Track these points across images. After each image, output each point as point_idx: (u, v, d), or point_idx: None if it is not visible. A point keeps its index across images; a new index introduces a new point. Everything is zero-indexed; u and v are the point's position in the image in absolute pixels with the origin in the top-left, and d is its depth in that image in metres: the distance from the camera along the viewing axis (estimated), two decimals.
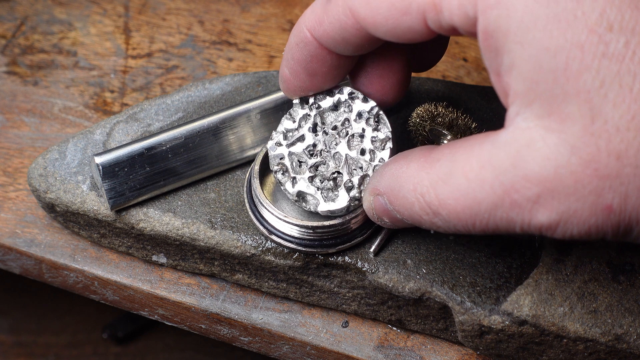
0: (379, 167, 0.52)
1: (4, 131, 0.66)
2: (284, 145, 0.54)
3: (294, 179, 0.53)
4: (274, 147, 0.54)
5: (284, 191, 0.53)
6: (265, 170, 0.57)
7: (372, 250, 0.56)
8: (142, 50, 0.71)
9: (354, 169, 0.53)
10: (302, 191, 0.53)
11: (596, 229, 0.41)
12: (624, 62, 0.39)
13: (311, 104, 0.54)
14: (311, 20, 0.49)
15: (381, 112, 0.54)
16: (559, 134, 0.40)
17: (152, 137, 0.57)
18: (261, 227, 0.55)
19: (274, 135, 0.54)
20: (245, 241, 0.56)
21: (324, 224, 0.54)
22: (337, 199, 0.53)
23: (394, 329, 0.59)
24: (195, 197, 0.58)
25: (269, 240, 0.56)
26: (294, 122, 0.54)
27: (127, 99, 0.68)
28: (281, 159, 0.54)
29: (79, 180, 0.58)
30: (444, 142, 0.56)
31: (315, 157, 0.54)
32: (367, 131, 0.53)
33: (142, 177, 0.57)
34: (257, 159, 0.56)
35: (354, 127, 0.53)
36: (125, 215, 0.58)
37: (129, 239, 0.59)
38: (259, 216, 0.55)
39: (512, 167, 0.41)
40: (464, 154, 0.44)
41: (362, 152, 0.53)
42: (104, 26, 0.72)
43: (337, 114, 0.54)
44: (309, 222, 0.54)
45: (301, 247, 0.55)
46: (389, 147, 0.53)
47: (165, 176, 0.57)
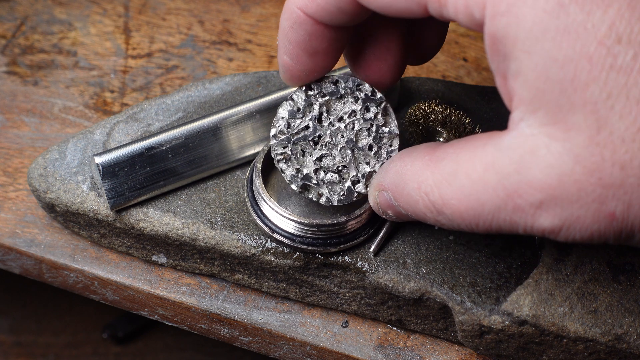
0: (384, 163, 0.52)
1: (4, 131, 0.66)
2: (287, 134, 0.53)
3: (297, 170, 0.53)
4: (277, 135, 0.53)
5: (287, 181, 0.53)
6: (267, 168, 0.57)
7: (371, 250, 0.56)
8: (142, 50, 0.71)
9: (360, 164, 0.53)
10: (307, 183, 0.53)
11: (598, 234, 0.42)
12: (632, 75, 0.39)
13: (316, 92, 0.53)
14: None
15: (389, 106, 0.53)
16: (563, 143, 0.41)
17: (152, 137, 0.57)
18: (263, 225, 0.55)
19: (276, 122, 0.53)
20: (245, 241, 0.56)
21: (327, 222, 0.54)
22: (342, 193, 0.53)
23: (394, 329, 0.59)
24: (195, 197, 0.58)
25: (270, 238, 0.56)
26: (298, 109, 0.53)
27: (127, 99, 0.68)
28: (284, 148, 0.53)
29: (79, 180, 0.58)
30: (439, 140, 0.56)
31: (320, 148, 0.53)
32: (375, 125, 0.53)
33: (142, 177, 0.57)
34: (259, 157, 0.56)
35: (361, 120, 0.53)
36: (125, 215, 0.58)
37: (129, 239, 0.59)
38: (261, 214, 0.55)
39: (515, 172, 0.42)
40: (467, 155, 0.44)
41: (370, 147, 0.53)
42: (104, 26, 0.72)
43: (343, 104, 0.53)
44: (313, 220, 0.54)
45: (303, 246, 0.55)
46: (396, 143, 0.53)
47: (165, 176, 0.57)
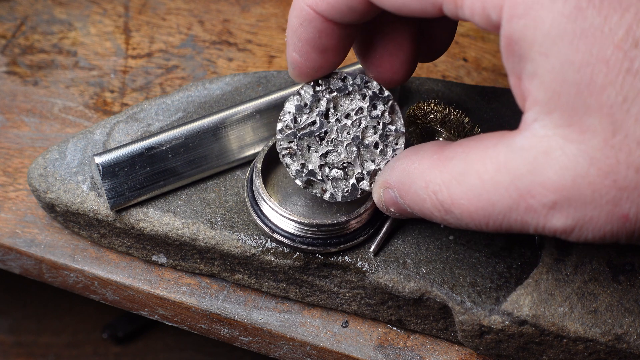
0: (390, 160, 0.52)
1: (4, 131, 0.66)
2: (293, 128, 0.53)
3: (303, 165, 0.53)
4: (283, 130, 0.53)
5: (291, 176, 0.53)
6: (267, 168, 0.57)
7: (371, 250, 0.56)
8: (142, 50, 0.71)
9: (365, 161, 0.53)
10: (311, 178, 0.53)
11: (611, 235, 0.42)
12: None
13: (324, 88, 0.53)
14: None
15: (396, 104, 0.53)
16: (578, 145, 0.41)
17: (152, 137, 0.57)
18: (263, 225, 0.55)
19: (283, 117, 0.53)
20: (245, 241, 0.56)
21: (328, 222, 0.54)
22: (346, 189, 0.53)
23: (394, 329, 0.59)
24: (195, 197, 0.58)
25: (270, 238, 0.56)
26: (305, 105, 0.53)
27: (127, 99, 0.68)
28: (290, 142, 0.53)
29: (79, 180, 0.58)
30: (439, 139, 0.56)
31: (326, 144, 0.53)
32: (381, 123, 0.53)
33: (142, 177, 0.57)
34: (259, 157, 0.56)
35: (367, 117, 0.53)
36: (125, 215, 0.58)
37: (129, 239, 0.59)
38: (261, 214, 0.55)
39: (528, 173, 0.42)
40: (478, 155, 0.44)
41: (376, 145, 0.53)
42: (104, 26, 0.72)
43: (350, 101, 0.53)
44: (313, 220, 0.54)
45: (303, 246, 0.55)
46: (402, 142, 0.53)
47: (165, 176, 0.57)
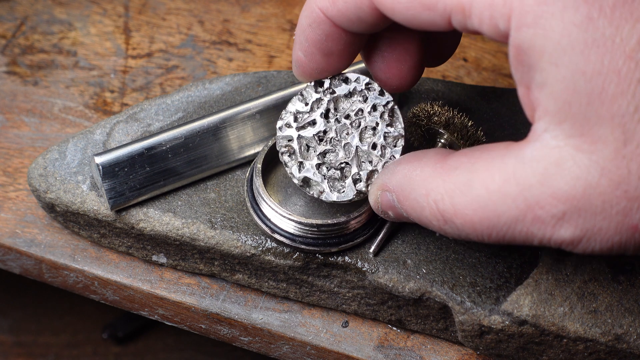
0: (388, 163, 0.52)
1: (4, 131, 0.66)
2: (293, 127, 0.53)
3: (300, 163, 0.53)
4: (283, 128, 0.53)
5: (289, 174, 0.53)
6: (267, 168, 0.57)
7: (371, 250, 0.56)
8: (142, 50, 0.71)
9: (362, 162, 0.53)
10: (308, 177, 0.53)
11: (619, 246, 0.42)
12: None
13: (325, 88, 0.53)
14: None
15: (396, 107, 0.53)
16: (589, 155, 0.41)
17: (152, 137, 0.57)
18: (263, 225, 0.55)
19: (284, 115, 0.53)
20: (245, 241, 0.56)
21: (328, 222, 0.54)
22: (343, 190, 0.53)
23: (394, 329, 0.59)
24: (195, 197, 0.58)
25: (270, 238, 0.56)
26: (306, 104, 0.53)
27: (127, 99, 0.68)
28: (289, 141, 0.53)
29: (79, 180, 0.58)
30: (441, 141, 0.56)
31: (324, 144, 0.53)
32: (381, 125, 0.53)
33: (142, 177, 0.57)
34: (259, 157, 0.56)
35: (367, 119, 0.53)
36: (125, 215, 0.58)
37: (129, 239, 0.59)
38: (261, 214, 0.55)
39: (538, 183, 0.42)
40: (484, 166, 0.44)
41: (374, 146, 0.53)
42: (104, 26, 0.72)
43: (351, 102, 0.53)
44: (313, 220, 0.54)
45: (303, 246, 0.55)
46: (401, 144, 0.53)
47: (165, 176, 0.57)
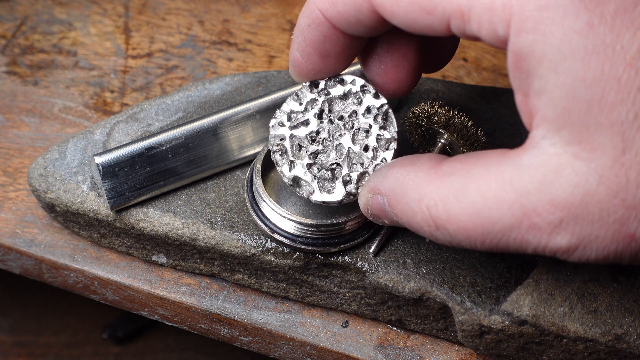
0: (380, 166, 0.52)
1: (4, 131, 0.66)
2: (286, 126, 0.53)
3: (291, 163, 0.52)
4: (276, 127, 0.53)
5: (280, 173, 0.53)
6: (267, 168, 0.57)
7: (371, 250, 0.56)
8: (142, 50, 0.71)
9: (354, 164, 0.53)
10: (298, 176, 0.52)
11: (615, 255, 0.42)
12: None
13: (321, 89, 0.53)
14: (323, 1, 0.48)
15: (390, 111, 0.53)
16: (588, 163, 0.41)
17: (152, 137, 0.57)
18: (263, 225, 0.55)
19: (278, 114, 0.53)
20: (245, 241, 0.56)
21: (327, 222, 0.54)
22: (332, 191, 0.52)
23: (394, 329, 0.59)
24: (195, 197, 0.58)
25: (270, 238, 0.56)
26: (301, 104, 0.53)
27: (127, 99, 0.68)
28: (282, 140, 0.53)
29: (79, 180, 0.58)
30: (441, 141, 0.56)
31: (316, 144, 0.53)
32: (374, 128, 0.53)
33: (142, 177, 0.57)
34: (259, 157, 0.56)
35: (361, 121, 0.53)
36: (125, 215, 0.58)
37: (129, 239, 0.59)
38: (261, 214, 0.55)
39: (536, 190, 0.41)
40: (479, 172, 0.44)
41: (366, 148, 0.53)
42: (104, 26, 0.72)
43: (346, 104, 0.53)
44: (312, 220, 0.54)
45: (303, 246, 0.55)
46: (393, 147, 0.53)
47: (165, 176, 0.57)
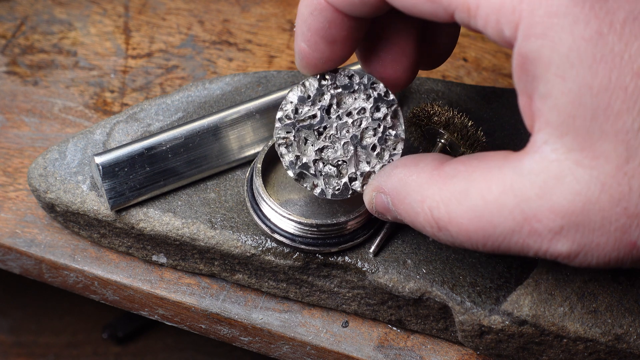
0: (386, 165, 0.52)
1: (4, 131, 0.66)
2: (293, 119, 0.52)
3: (297, 157, 0.52)
4: (282, 119, 0.52)
5: (284, 167, 0.52)
6: (267, 168, 0.57)
7: (371, 250, 0.56)
8: (142, 50, 0.71)
9: (360, 162, 0.52)
10: (304, 171, 0.52)
11: (616, 261, 0.42)
12: None
13: (329, 83, 0.52)
14: None
15: (399, 109, 0.53)
16: (590, 171, 0.41)
17: (152, 137, 0.57)
18: (263, 225, 0.55)
19: (284, 106, 0.52)
20: (245, 241, 0.56)
21: (328, 222, 0.54)
22: (337, 187, 0.52)
23: (394, 329, 0.59)
24: (195, 197, 0.58)
25: (270, 238, 0.56)
26: (308, 97, 0.52)
27: (127, 99, 0.68)
28: (288, 133, 0.52)
29: (79, 180, 0.58)
30: (441, 142, 0.56)
31: (324, 139, 0.52)
32: (383, 127, 0.52)
33: (142, 177, 0.57)
34: (259, 157, 0.56)
35: (369, 119, 0.52)
36: (125, 215, 0.58)
37: (129, 239, 0.59)
38: (261, 214, 0.55)
39: (537, 197, 0.41)
40: (481, 175, 0.44)
41: (373, 147, 0.52)
42: (104, 26, 0.72)
43: (354, 100, 0.53)
44: (313, 220, 0.54)
45: (303, 246, 0.55)
46: (400, 148, 0.53)
47: (165, 176, 0.57)
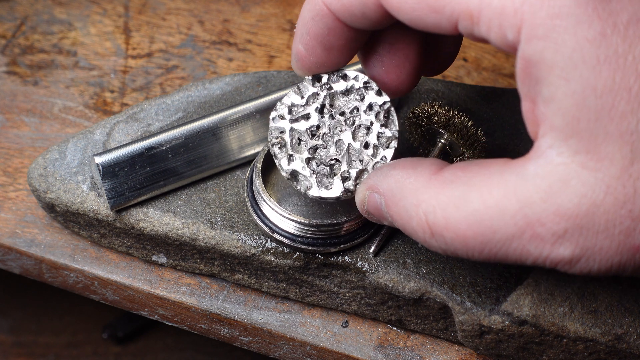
0: (379, 164, 0.52)
1: (4, 131, 0.66)
2: (287, 119, 0.52)
3: (290, 156, 0.52)
4: (276, 119, 0.52)
5: (278, 166, 0.52)
6: (267, 168, 0.57)
7: (371, 250, 0.56)
8: (142, 50, 0.71)
9: (353, 160, 0.52)
10: (297, 170, 0.52)
11: (618, 266, 0.41)
12: None
13: (323, 83, 0.52)
14: None
15: (392, 109, 0.52)
16: (595, 173, 0.40)
17: (152, 137, 0.57)
18: (263, 225, 0.55)
19: (278, 107, 0.52)
20: (245, 241, 0.56)
21: (328, 222, 0.54)
22: (330, 187, 0.52)
23: (394, 329, 0.59)
24: (195, 197, 0.58)
25: (270, 238, 0.56)
26: (302, 98, 0.52)
27: (127, 99, 0.68)
28: (281, 133, 0.52)
29: (79, 180, 0.58)
30: (441, 142, 0.56)
31: (316, 139, 0.52)
32: (375, 125, 0.52)
33: (142, 177, 0.57)
34: (259, 157, 0.56)
35: (362, 117, 0.52)
36: (125, 215, 0.58)
37: (129, 239, 0.59)
38: (261, 214, 0.55)
39: (541, 200, 0.41)
40: (482, 181, 0.43)
41: (366, 145, 0.52)
42: (104, 26, 0.72)
43: (348, 100, 0.52)
44: (313, 220, 0.54)
45: (303, 246, 0.55)
46: (393, 146, 0.52)
47: (165, 176, 0.57)
